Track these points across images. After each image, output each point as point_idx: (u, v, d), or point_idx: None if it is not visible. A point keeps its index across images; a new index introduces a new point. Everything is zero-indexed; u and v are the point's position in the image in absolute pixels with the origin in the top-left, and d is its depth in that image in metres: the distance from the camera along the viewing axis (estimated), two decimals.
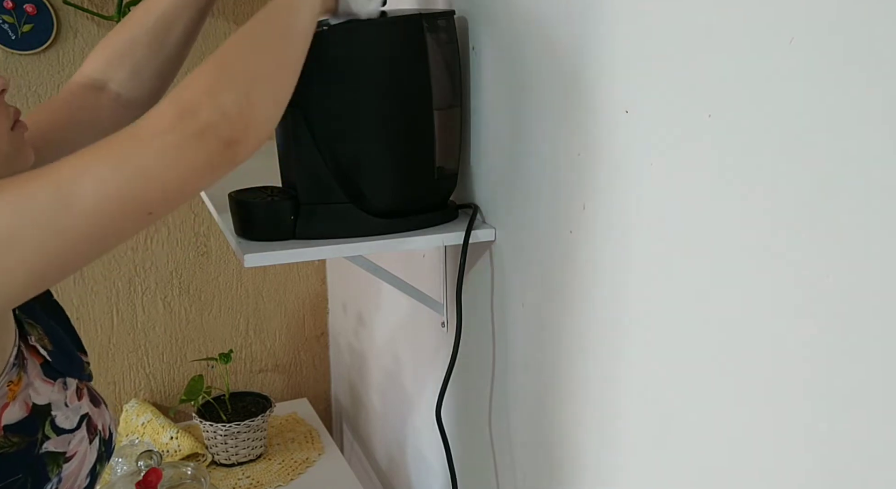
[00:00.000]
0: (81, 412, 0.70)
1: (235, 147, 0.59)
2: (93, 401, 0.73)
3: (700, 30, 0.58)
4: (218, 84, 0.60)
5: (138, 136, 0.57)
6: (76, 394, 0.71)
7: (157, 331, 1.74)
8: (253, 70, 0.63)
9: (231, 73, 0.62)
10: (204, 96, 0.58)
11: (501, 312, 0.95)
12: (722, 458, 0.62)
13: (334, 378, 1.93)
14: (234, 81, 0.61)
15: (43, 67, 1.49)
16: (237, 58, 0.63)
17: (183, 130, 0.57)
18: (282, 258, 0.86)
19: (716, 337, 0.61)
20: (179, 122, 0.57)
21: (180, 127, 0.57)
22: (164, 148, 0.56)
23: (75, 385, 0.71)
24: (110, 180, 0.55)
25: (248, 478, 1.49)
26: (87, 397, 0.72)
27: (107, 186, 0.55)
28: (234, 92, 0.60)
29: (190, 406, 1.57)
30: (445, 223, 0.94)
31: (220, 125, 0.58)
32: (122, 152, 0.57)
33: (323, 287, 1.87)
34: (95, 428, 0.72)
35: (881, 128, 0.45)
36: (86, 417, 0.71)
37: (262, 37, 0.66)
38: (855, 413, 0.50)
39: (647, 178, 0.66)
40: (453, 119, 0.94)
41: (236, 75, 0.62)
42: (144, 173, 0.56)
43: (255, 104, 0.61)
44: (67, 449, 0.68)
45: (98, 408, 0.74)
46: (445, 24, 0.89)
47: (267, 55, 0.65)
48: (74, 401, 0.70)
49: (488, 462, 1.03)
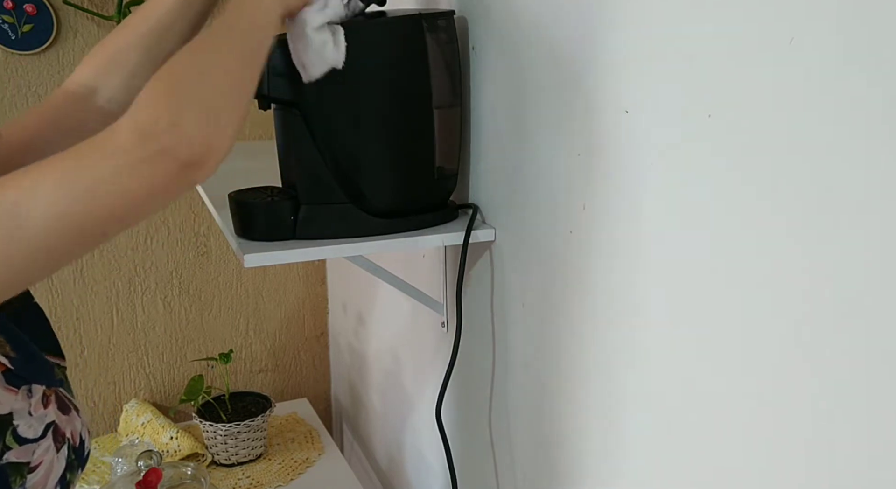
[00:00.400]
0: (47, 420, 0.67)
1: (195, 170, 0.58)
2: (61, 409, 0.70)
3: (700, 30, 0.58)
4: (179, 104, 0.58)
5: (94, 155, 0.56)
6: (42, 401, 0.68)
7: (157, 331, 1.74)
8: (215, 89, 0.61)
9: (192, 91, 0.60)
10: (164, 117, 0.57)
11: (501, 312, 0.95)
12: (722, 458, 0.62)
13: (334, 378, 1.93)
14: (195, 101, 0.59)
15: (43, 67, 1.49)
16: (198, 75, 0.61)
17: (141, 152, 0.55)
18: (282, 258, 0.86)
19: (717, 337, 0.61)
20: (139, 143, 0.55)
21: (139, 148, 0.55)
22: (120, 169, 0.55)
23: (42, 392, 0.68)
24: (62, 198, 0.54)
25: (248, 478, 1.49)
26: (55, 404, 0.69)
27: (58, 204, 0.54)
28: (196, 112, 0.58)
29: (190, 406, 1.57)
30: (445, 223, 0.94)
31: (180, 148, 0.57)
32: (77, 170, 0.55)
33: (323, 287, 1.87)
34: (63, 436, 0.69)
35: (882, 127, 0.45)
36: (52, 425, 0.68)
37: (221, 51, 0.65)
38: (854, 414, 0.50)
39: (647, 179, 0.66)
40: (453, 119, 0.94)
41: (198, 94, 0.60)
42: (99, 193, 0.55)
43: (217, 125, 0.59)
44: (32, 459, 0.65)
45: (67, 416, 0.71)
46: (445, 24, 0.89)
47: (227, 73, 0.64)
48: (40, 410, 0.67)
49: (488, 462, 1.03)
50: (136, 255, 1.68)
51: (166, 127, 0.56)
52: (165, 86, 0.60)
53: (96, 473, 1.52)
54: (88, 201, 0.55)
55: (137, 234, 1.66)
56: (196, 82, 0.61)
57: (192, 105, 0.59)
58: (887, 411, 0.47)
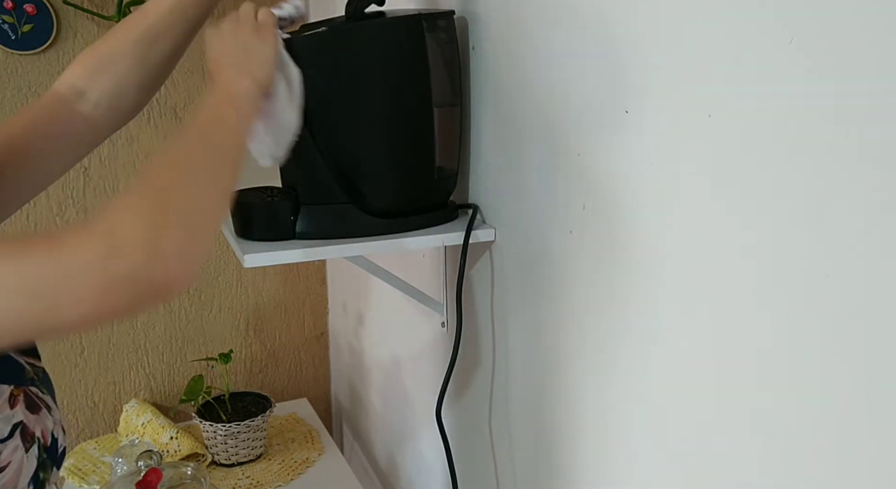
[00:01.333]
0: (14, 420, 0.66)
1: (167, 291, 0.51)
2: (30, 408, 0.69)
3: (700, 30, 0.58)
4: (161, 222, 0.52)
5: (45, 254, 0.49)
6: (8, 402, 0.66)
7: (156, 331, 1.74)
8: (194, 203, 0.56)
9: (176, 208, 0.54)
10: (143, 235, 0.50)
11: (502, 312, 0.95)
12: (720, 459, 0.62)
13: (334, 378, 1.93)
14: (179, 220, 0.53)
15: (43, 67, 1.49)
16: (183, 188, 0.56)
17: (110, 271, 0.49)
18: (282, 258, 0.86)
19: (717, 338, 0.61)
20: (107, 259, 0.49)
21: (107, 266, 0.49)
22: (82, 284, 0.48)
23: (9, 392, 0.67)
24: (6, 295, 0.49)
25: (248, 479, 1.49)
26: (23, 404, 0.68)
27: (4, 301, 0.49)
28: (176, 232, 0.52)
29: (190, 406, 1.57)
30: (445, 223, 0.94)
31: (155, 271, 0.50)
32: (19, 266, 0.49)
33: (323, 287, 1.87)
34: (32, 435, 0.68)
35: (881, 127, 0.45)
36: (20, 425, 0.66)
37: (208, 156, 0.60)
38: (855, 415, 0.50)
39: (647, 178, 0.66)
40: (453, 119, 0.94)
41: (182, 211, 0.54)
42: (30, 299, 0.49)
43: (196, 244, 0.54)
44: None
45: (36, 415, 0.69)
46: (445, 24, 0.89)
47: (206, 184, 0.58)
48: (6, 410, 0.66)
49: (488, 462, 1.03)
50: None
51: (143, 247, 0.50)
52: (147, 198, 0.53)
53: (96, 473, 1.52)
54: (39, 309, 0.49)
55: None
56: (181, 197, 0.55)
57: (174, 224, 0.53)
58: (886, 418, 0.47)
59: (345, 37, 0.84)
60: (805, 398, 0.53)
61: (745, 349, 0.58)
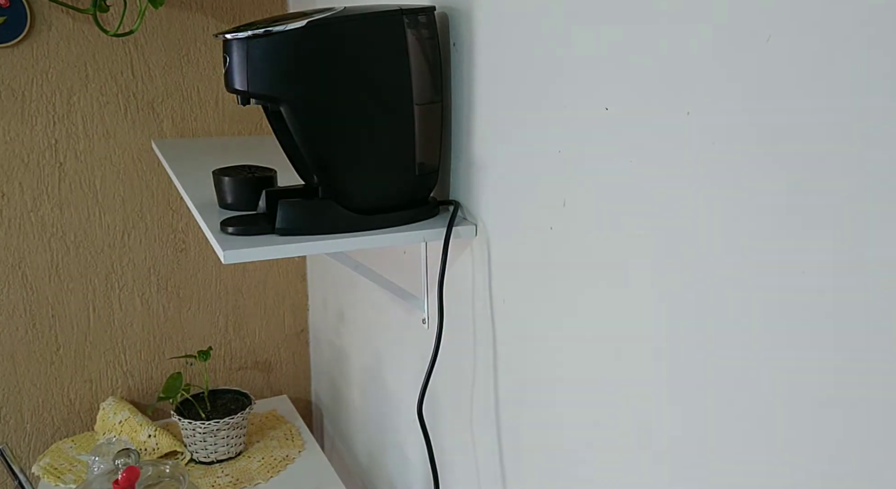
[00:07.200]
0: None
1: None
2: None
3: (679, 27, 0.59)
4: None
5: None
6: None
7: (134, 328, 1.72)
8: None
9: None
10: None
11: (483, 309, 0.95)
12: (713, 458, 0.62)
13: (315, 375, 1.92)
14: None
15: (16, 61, 1.47)
16: None
17: None
18: (261, 254, 0.86)
19: (704, 334, 0.61)
20: None
21: None
22: None
23: None
24: None
25: (228, 476, 1.48)
26: None
27: None
28: None
29: (168, 403, 1.56)
30: (426, 219, 0.94)
31: None
32: None
33: (303, 283, 1.86)
34: None
35: (859, 124, 0.46)
36: None
37: None
38: (855, 415, 0.50)
39: (627, 175, 0.66)
40: (434, 115, 0.94)
41: None
42: None
43: None
44: None
45: None
46: (426, 20, 0.89)
47: None
48: None
49: (470, 459, 1.03)
50: (113, 252, 1.66)
51: None
52: None
53: (73, 472, 1.51)
54: None
55: (114, 230, 1.65)
56: None
57: None
58: (887, 413, 0.48)
59: (325, 31, 0.83)
60: (810, 413, 0.54)
61: (734, 344, 0.58)
